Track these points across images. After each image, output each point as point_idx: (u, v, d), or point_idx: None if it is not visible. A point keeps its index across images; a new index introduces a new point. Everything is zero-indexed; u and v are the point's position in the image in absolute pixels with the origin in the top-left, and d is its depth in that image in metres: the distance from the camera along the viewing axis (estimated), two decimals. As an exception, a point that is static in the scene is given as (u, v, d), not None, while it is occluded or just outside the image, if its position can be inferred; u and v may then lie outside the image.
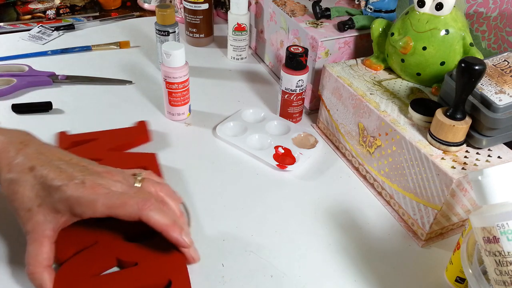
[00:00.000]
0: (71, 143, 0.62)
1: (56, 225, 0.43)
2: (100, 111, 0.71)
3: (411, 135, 0.52)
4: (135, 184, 0.47)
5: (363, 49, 0.71)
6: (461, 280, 0.46)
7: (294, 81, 0.65)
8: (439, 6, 0.55)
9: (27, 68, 0.78)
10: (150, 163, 0.59)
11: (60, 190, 0.42)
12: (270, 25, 0.81)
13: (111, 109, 0.72)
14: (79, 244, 0.47)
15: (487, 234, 0.37)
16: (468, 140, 0.51)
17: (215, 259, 0.49)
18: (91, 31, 0.96)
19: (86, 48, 0.88)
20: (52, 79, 0.77)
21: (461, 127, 0.49)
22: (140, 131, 0.65)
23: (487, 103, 0.48)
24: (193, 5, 0.86)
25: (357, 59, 0.67)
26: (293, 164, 0.62)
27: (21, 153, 0.44)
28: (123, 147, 0.62)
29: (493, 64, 0.52)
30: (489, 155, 0.51)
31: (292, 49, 0.65)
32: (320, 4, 0.73)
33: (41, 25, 0.94)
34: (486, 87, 0.50)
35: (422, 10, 0.57)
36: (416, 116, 0.54)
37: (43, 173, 0.43)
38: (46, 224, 0.42)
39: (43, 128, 0.66)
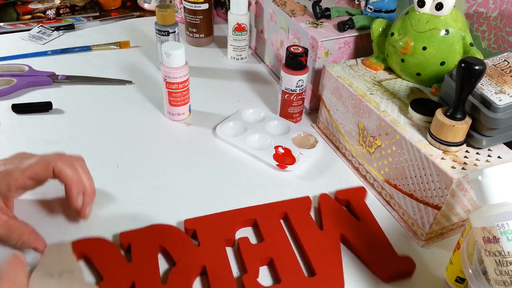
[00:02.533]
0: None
1: None
2: (100, 111, 0.71)
3: (411, 135, 0.52)
4: None
5: (363, 49, 0.71)
6: (461, 280, 0.46)
7: (294, 81, 0.65)
8: (439, 6, 0.55)
9: (27, 68, 0.78)
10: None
11: None
12: (270, 25, 0.81)
13: (111, 109, 0.72)
14: None
15: (487, 234, 0.37)
16: (468, 140, 0.51)
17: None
18: (91, 31, 0.96)
19: (86, 48, 0.88)
20: (52, 79, 0.77)
21: (461, 127, 0.49)
22: None
23: (487, 103, 0.48)
24: (193, 5, 0.86)
25: (357, 59, 0.67)
26: (293, 164, 0.62)
27: None
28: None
29: (493, 64, 0.52)
30: (489, 155, 0.51)
31: (292, 49, 0.65)
32: (320, 4, 0.73)
33: (41, 25, 0.95)
34: (486, 87, 0.50)
35: (422, 10, 0.57)
36: (416, 116, 0.54)
37: None
38: None
39: (43, 128, 0.66)
